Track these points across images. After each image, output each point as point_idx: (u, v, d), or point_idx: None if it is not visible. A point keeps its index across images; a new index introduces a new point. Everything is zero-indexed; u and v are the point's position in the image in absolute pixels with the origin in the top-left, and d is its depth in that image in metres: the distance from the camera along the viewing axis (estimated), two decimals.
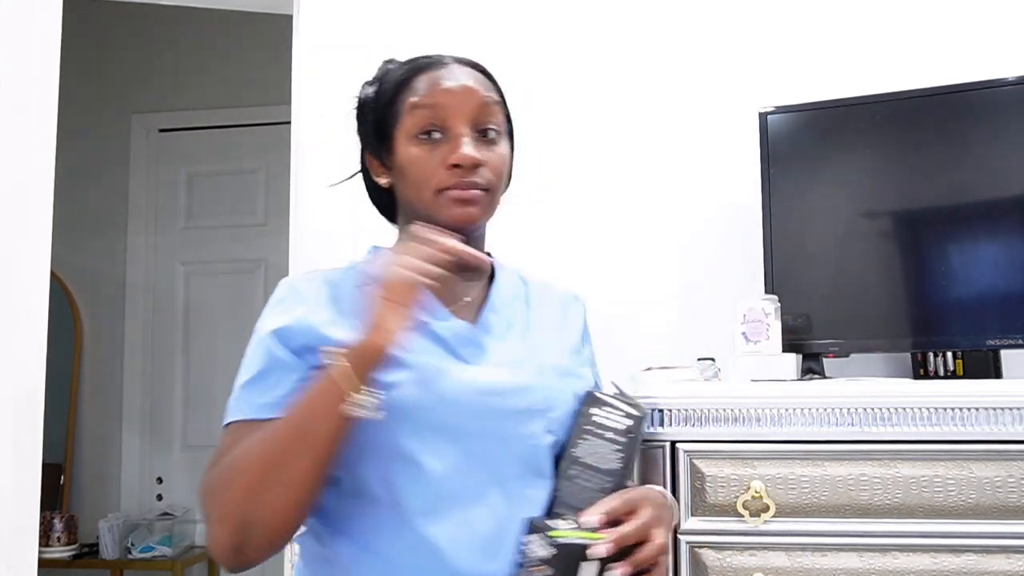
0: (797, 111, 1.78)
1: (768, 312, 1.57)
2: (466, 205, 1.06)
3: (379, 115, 1.13)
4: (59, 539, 3.35)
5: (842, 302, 1.72)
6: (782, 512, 1.35)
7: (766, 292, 1.71)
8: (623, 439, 1.05)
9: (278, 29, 2.57)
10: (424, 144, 1.07)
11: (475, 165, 1.05)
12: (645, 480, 1.41)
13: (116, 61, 3.85)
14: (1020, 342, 1.58)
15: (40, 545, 1.90)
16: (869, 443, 1.35)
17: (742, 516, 1.36)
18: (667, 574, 1.03)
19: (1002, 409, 1.32)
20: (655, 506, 1.01)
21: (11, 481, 1.76)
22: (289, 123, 2.13)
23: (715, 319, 1.88)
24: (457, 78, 1.08)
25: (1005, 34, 1.86)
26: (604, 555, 0.94)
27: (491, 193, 1.09)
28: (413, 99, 1.08)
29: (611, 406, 1.07)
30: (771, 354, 1.56)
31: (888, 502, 1.34)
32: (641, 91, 2.01)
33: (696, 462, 1.39)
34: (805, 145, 1.80)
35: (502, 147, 1.11)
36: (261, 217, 3.77)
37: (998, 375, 1.64)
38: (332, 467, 0.96)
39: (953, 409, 1.34)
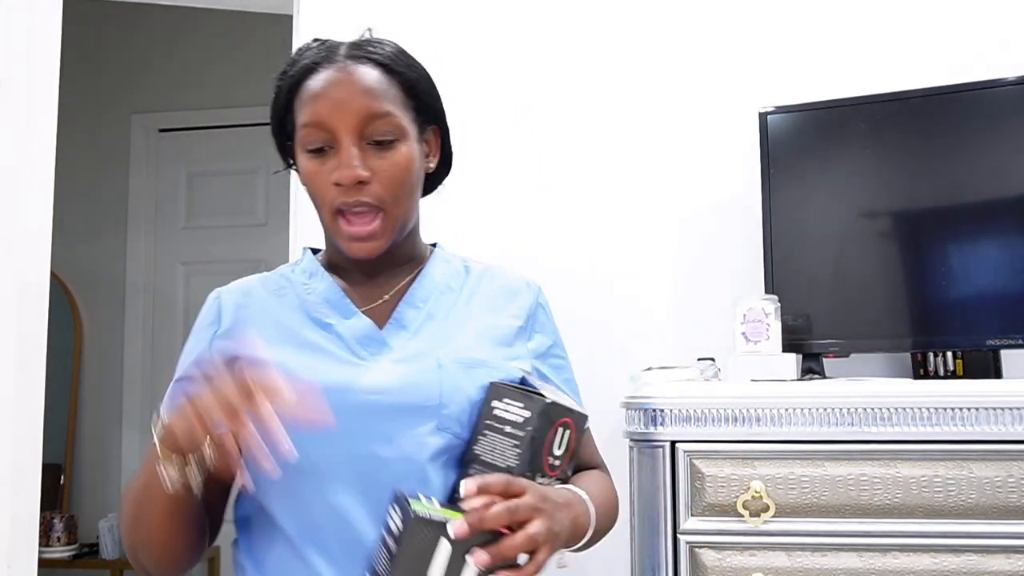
0: (797, 111, 1.78)
1: (768, 312, 1.57)
2: (363, 241, 1.04)
3: (280, 119, 1.11)
4: (59, 539, 3.35)
5: (842, 302, 1.72)
6: (782, 512, 1.35)
7: (766, 292, 1.71)
8: (521, 433, 0.96)
9: (278, 29, 2.57)
10: (316, 158, 1.04)
11: (358, 182, 1.01)
12: (643, 480, 1.41)
13: (116, 61, 3.86)
14: (1020, 342, 1.57)
15: (40, 545, 1.90)
16: (869, 443, 1.35)
17: (742, 516, 1.36)
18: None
19: (1002, 409, 1.32)
20: (549, 501, 0.92)
21: (11, 481, 1.76)
22: None
23: (715, 319, 1.88)
24: (343, 85, 1.03)
25: (1005, 34, 1.86)
26: (460, 534, 0.84)
27: (386, 211, 1.04)
28: (301, 115, 1.05)
29: (511, 398, 0.99)
30: (771, 354, 1.56)
31: (888, 502, 1.34)
32: (641, 91, 2.01)
33: (696, 462, 1.39)
34: (805, 145, 1.80)
35: (399, 153, 1.04)
36: (261, 217, 3.77)
37: (998, 375, 1.64)
38: (195, 514, 0.98)
39: (953, 409, 1.34)
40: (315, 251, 1.20)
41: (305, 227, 2.01)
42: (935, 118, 1.68)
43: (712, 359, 1.70)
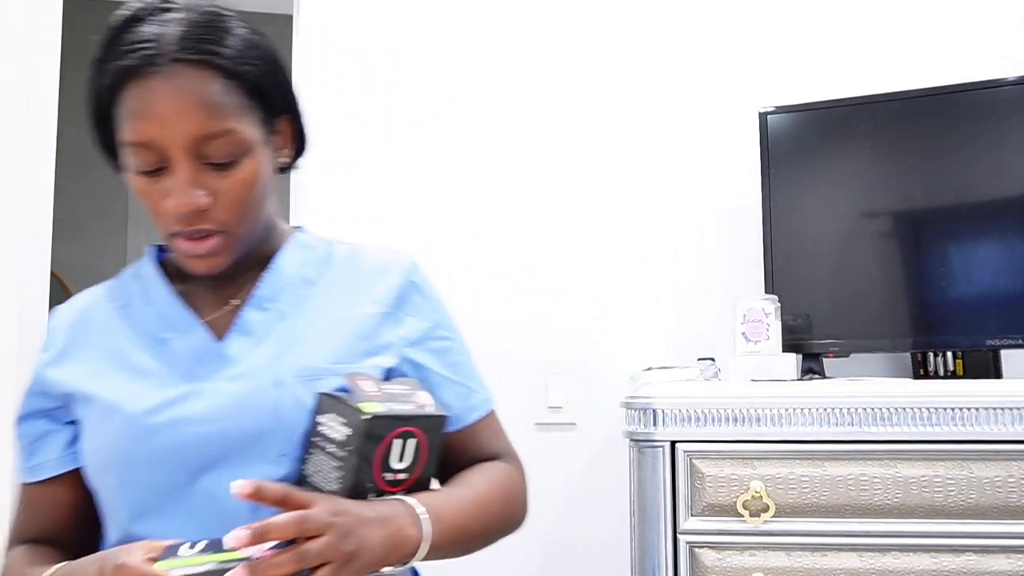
0: (797, 111, 1.78)
1: (768, 312, 1.57)
2: (203, 258, 0.92)
3: (99, 122, 0.95)
4: None
5: (842, 302, 1.72)
6: (782, 512, 1.35)
7: (766, 292, 1.71)
8: (342, 453, 0.84)
9: (278, 29, 2.57)
10: (144, 176, 0.90)
11: (197, 211, 0.89)
12: (643, 480, 1.41)
13: None
14: (1020, 342, 1.58)
15: None
16: (869, 443, 1.35)
17: (742, 516, 1.36)
18: None
19: (1002, 409, 1.32)
20: (348, 515, 0.79)
21: (11, 481, 1.76)
22: None
23: (715, 319, 1.88)
24: (173, 99, 0.86)
25: (1005, 34, 1.86)
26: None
27: (232, 233, 0.92)
28: (125, 129, 0.89)
29: (336, 412, 0.86)
30: (771, 354, 1.56)
31: (888, 502, 1.34)
32: (641, 91, 2.01)
33: (696, 462, 1.39)
34: (805, 145, 1.80)
35: (243, 170, 0.90)
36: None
37: (998, 375, 1.64)
38: None
39: (953, 409, 1.34)
40: (161, 248, 1.05)
41: (305, 227, 2.00)
42: (935, 118, 1.68)
43: (712, 359, 1.70)
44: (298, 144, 1.05)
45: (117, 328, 0.98)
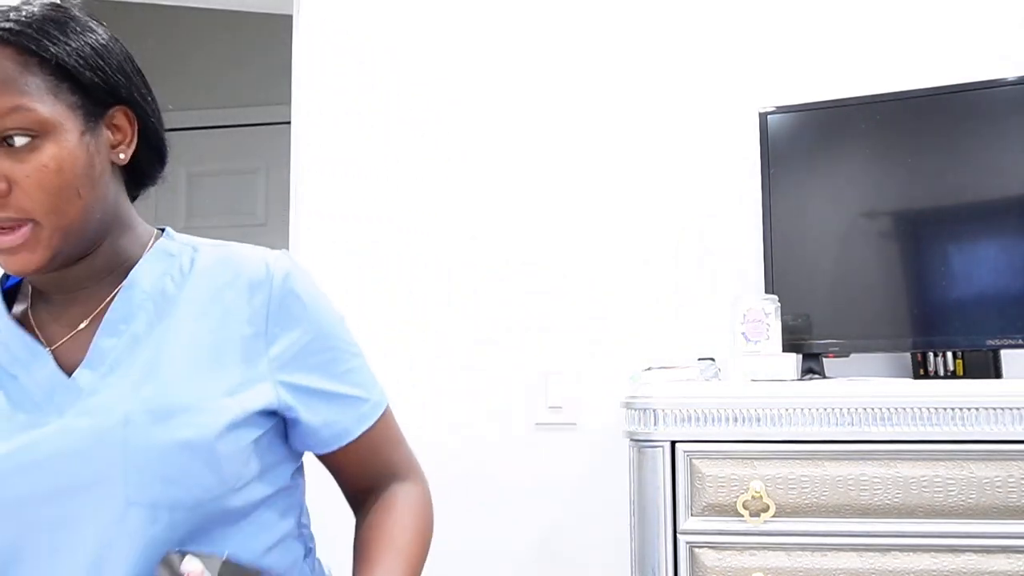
0: (797, 111, 1.78)
1: (768, 312, 1.57)
2: (15, 253, 0.82)
3: None
4: None
5: (842, 302, 1.72)
6: (782, 512, 1.35)
7: (766, 292, 1.71)
8: None
9: (278, 29, 2.57)
10: None
11: None
12: (643, 480, 1.41)
13: None
14: (1020, 342, 1.57)
15: None
16: (869, 443, 1.35)
17: (742, 516, 1.36)
18: None
19: (1002, 409, 1.32)
20: None
21: None
22: (289, 123, 2.13)
23: (715, 319, 1.88)
24: None
25: (1005, 34, 1.86)
26: None
27: (46, 223, 0.81)
28: None
29: None
30: (771, 354, 1.56)
31: (888, 502, 1.34)
32: (641, 91, 2.01)
33: (696, 462, 1.39)
34: (805, 145, 1.80)
35: (44, 153, 0.81)
36: (261, 217, 3.77)
37: (998, 375, 1.64)
38: None
39: (953, 409, 1.34)
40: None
41: (306, 227, 2.01)
42: (935, 118, 1.68)
43: (712, 359, 1.70)
44: (150, 148, 0.97)
45: None
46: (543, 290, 1.97)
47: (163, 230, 0.98)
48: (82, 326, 0.87)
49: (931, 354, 1.69)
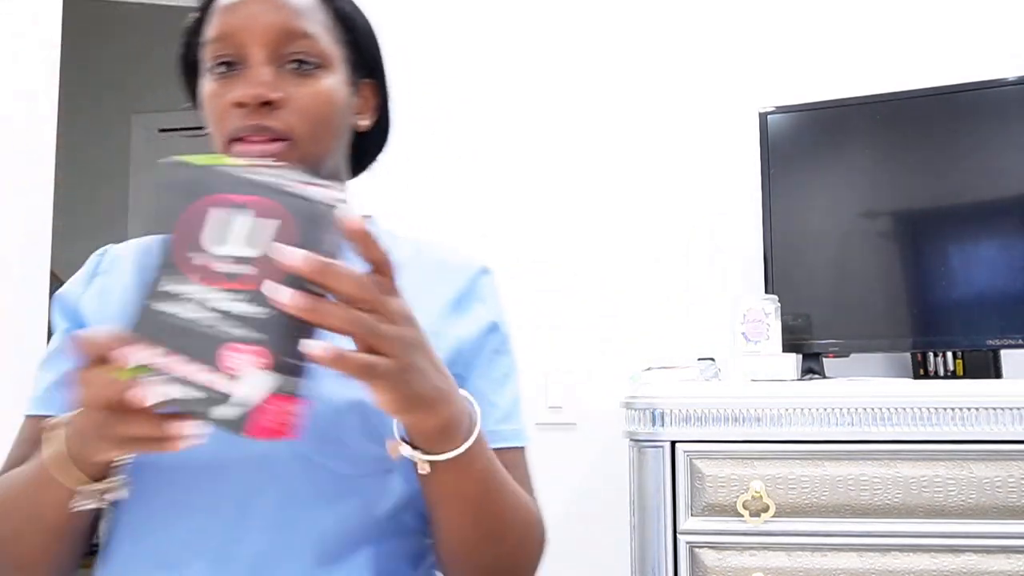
0: (797, 111, 1.78)
1: (768, 312, 1.57)
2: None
3: (189, 45, 0.94)
4: None
5: (842, 302, 1.72)
6: (782, 512, 1.35)
7: (766, 292, 1.71)
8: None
9: None
10: (218, 79, 0.85)
11: (264, 103, 0.81)
12: (643, 480, 1.41)
13: (116, 61, 3.85)
14: (1020, 342, 1.57)
15: None
16: (869, 443, 1.35)
17: (742, 516, 1.36)
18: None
19: (1002, 409, 1.32)
20: (426, 355, 0.67)
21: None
22: None
23: (715, 319, 1.88)
24: None
25: (1005, 34, 1.86)
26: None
27: (296, 143, 0.82)
28: (209, 31, 0.86)
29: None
30: (771, 354, 1.56)
31: (888, 502, 1.34)
32: (641, 91, 2.01)
33: (696, 462, 1.39)
34: (805, 145, 1.80)
35: (323, 81, 0.85)
36: None
37: (998, 375, 1.64)
38: (80, 536, 0.79)
39: (953, 409, 1.34)
40: None
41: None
42: (935, 118, 1.68)
43: (712, 359, 1.70)
44: (379, 129, 0.98)
45: None
46: (543, 290, 1.97)
47: (368, 216, 0.98)
48: None
49: (931, 354, 1.69)
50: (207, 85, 0.86)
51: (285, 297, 0.58)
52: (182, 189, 0.62)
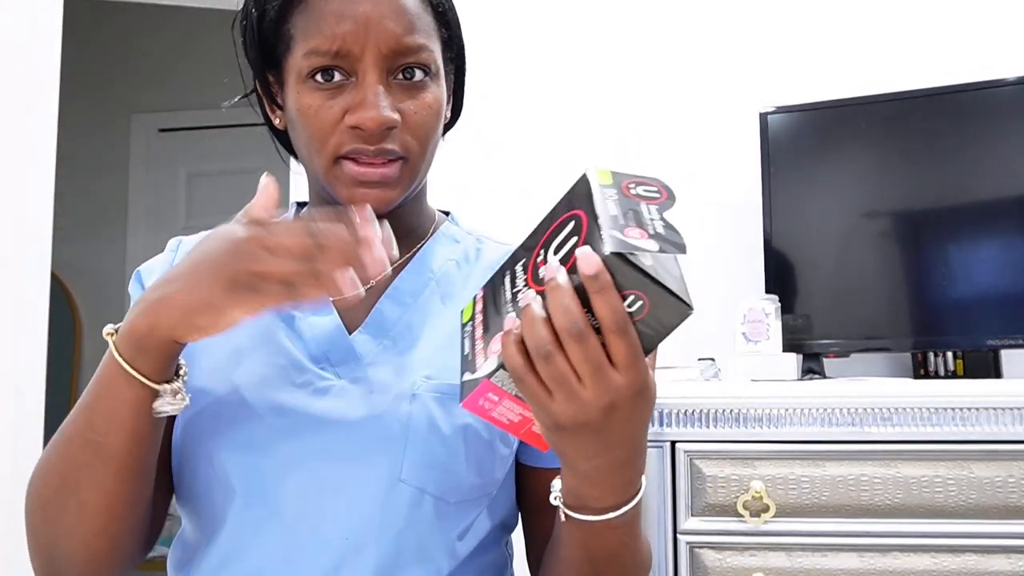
0: (797, 111, 1.78)
1: (768, 312, 1.57)
2: (373, 187, 0.78)
3: (263, 34, 0.83)
4: None
5: (842, 302, 1.72)
6: (782, 512, 1.35)
7: (766, 292, 1.71)
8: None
9: None
10: (321, 90, 0.78)
11: (386, 128, 0.77)
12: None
13: (116, 61, 3.85)
14: (1020, 342, 1.57)
15: None
16: (869, 443, 1.35)
17: (742, 516, 1.36)
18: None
19: (1002, 409, 1.32)
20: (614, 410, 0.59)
21: (11, 481, 1.76)
22: None
23: (715, 319, 1.88)
24: (371, 2, 0.78)
25: (1005, 34, 1.86)
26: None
27: (412, 162, 0.80)
28: (307, 34, 0.78)
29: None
30: (771, 354, 1.56)
31: (888, 502, 1.34)
32: (641, 91, 2.01)
33: (696, 462, 1.39)
34: (805, 145, 1.80)
35: (432, 92, 0.81)
36: None
37: (998, 375, 1.64)
38: (148, 480, 0.76)
39: (953, 409, 1.34)
40: (301, 206, 0.95)
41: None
42: (935, 118, 1.68)
43: (712, 359, 1.70)
44: (454, 110, 0.94)
45: None
46: None
47: (447, 213, 0.96)
48: (371, 284, 0.82)
49: (931, 354, 1.69)
50: (304, 94, 0.79)
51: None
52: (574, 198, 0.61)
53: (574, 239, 0.59)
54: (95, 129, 3.77)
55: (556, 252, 0.59)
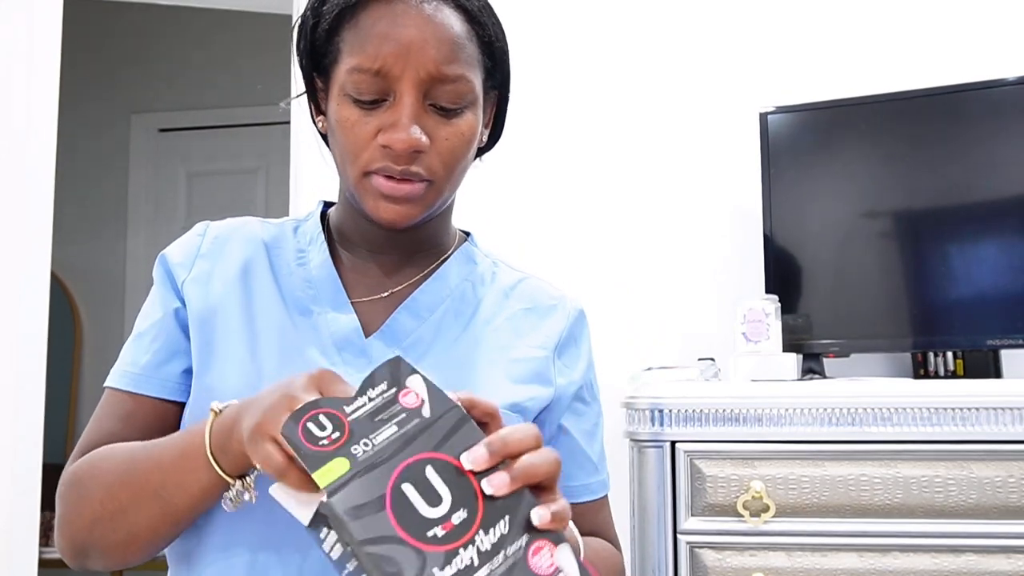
0: (797, 111, 1.78)
1: (768, 312, 1.57)
2: (396, 203, 0.82)
3: (315, 42, 0.87)
4: None
5: (842, 302, 1.72)
6: (782, 512, 1.35)
7: (766, 292, 1.71)
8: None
9: (278, 29, 2.57)
10: (359, 105, 0.82)
11: (414, 151, 0.80)
12: (643, 480, 1.41)
13: (116, 61, 3.85)
14: (1020, 342, 1.57)
15: (40, 545, 1.90)
16: (869, 443, 1.35)
17: (742, 516, 1.36)
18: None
19: (1002, 409, 1.32)
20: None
21: (11, 481, 1.76)
22: (289, 123, 2.13)
23: (715, 319, 1.88)
24: (418, 27, 0.80)
25: (1005, 34, 1.86)
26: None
27: (437, 185, 0.83)
28: (354, 53, 0.81)
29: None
30: (771, 354, 1.56)
31: (888, 502, 1.34)
32: (641, 91, 2.01)
33: (696, 462, 1.39)
34: (805, 145, 1.80)
35: (466, 120, 0.84)
36: (261, 217, 3.78)
37: (998, 375, 1.64)
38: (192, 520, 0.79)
39: (953, 409, 1.34)
40: (328, 205, 0.99)
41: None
42: (935, 118, 1.68)
43: (712, 359, 1.70)
44: (493, 134, 0.98)
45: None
46: None
47: (468, 233, 1.00)
48: (391, 291, 0.89)
49: (931, 354, 1.69)
50: (344, 107, 0.82)
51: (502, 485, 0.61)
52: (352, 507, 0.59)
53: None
54: (95, 129, 3.77)
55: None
